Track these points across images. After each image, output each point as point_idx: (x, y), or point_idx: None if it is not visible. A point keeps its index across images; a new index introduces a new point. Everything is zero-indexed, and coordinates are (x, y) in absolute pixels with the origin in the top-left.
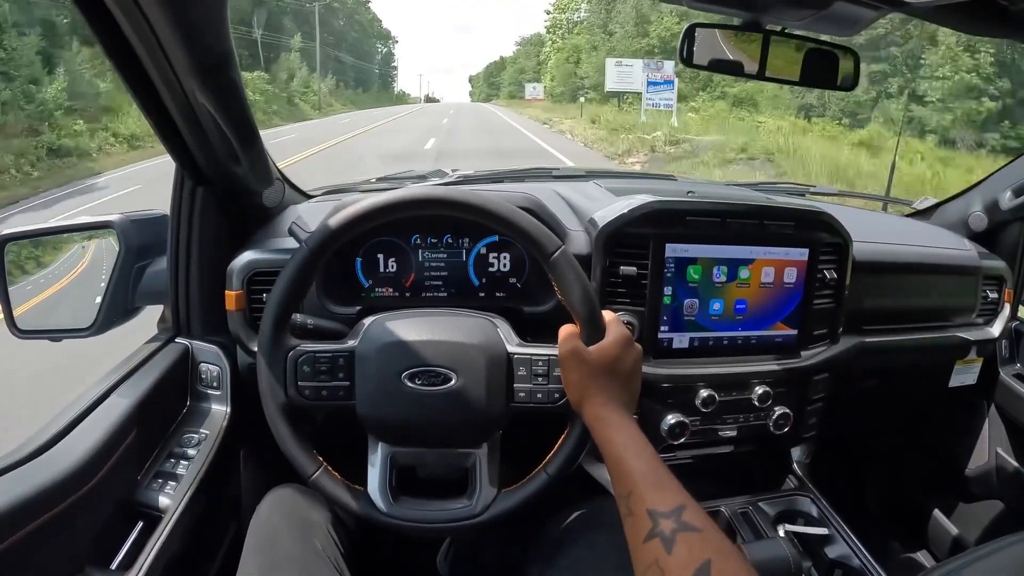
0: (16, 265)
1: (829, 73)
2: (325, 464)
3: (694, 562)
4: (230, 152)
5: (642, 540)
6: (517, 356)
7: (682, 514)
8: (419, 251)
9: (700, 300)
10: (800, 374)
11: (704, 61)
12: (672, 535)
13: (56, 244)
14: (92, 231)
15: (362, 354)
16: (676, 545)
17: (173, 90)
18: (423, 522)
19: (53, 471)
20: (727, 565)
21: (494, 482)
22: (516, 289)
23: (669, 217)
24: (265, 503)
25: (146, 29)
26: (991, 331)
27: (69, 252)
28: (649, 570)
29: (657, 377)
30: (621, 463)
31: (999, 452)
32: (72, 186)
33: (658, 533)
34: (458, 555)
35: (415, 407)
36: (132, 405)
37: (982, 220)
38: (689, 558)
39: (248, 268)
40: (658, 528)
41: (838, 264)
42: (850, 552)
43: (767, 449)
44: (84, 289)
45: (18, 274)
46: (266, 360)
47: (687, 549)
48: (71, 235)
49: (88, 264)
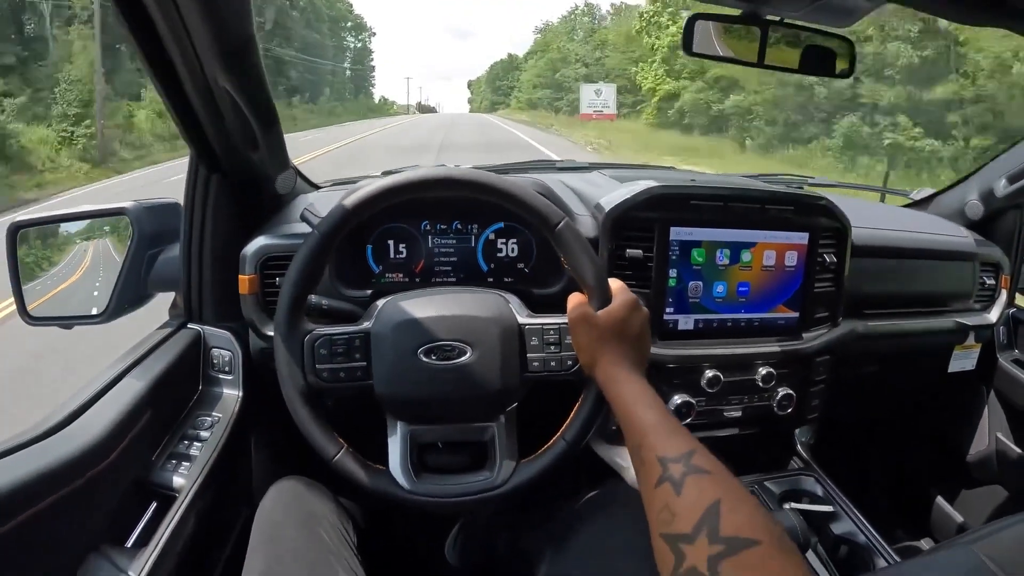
0: (30, 267)
1: (827, 62)
2: (347, 445)
3: (704, 502)
4: (247, 138)
5: (653, 486)
6: (528, 327)
7: (691, 458)
8: (428, 237)
9: (704, 282)
10: (802, 356)
11: (705, 51)
12: (682, 478)
13: (64, 244)
14: (105, 218)
15: (377, 334)
16: (685, 487)
17: (195, 76)
18: (446, 496)
19: (70, 448)
20: (737, 503)
21: (513, 454)
22: (524, 274)
23: (673, 201)
24: (269, 496)
25: (174, 14)
26: (988, 317)
27: (73, 251)
28: (661, 514)
29: (663, 358)
30: (631, 416)
31: (999, 437)
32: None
33: (667, 477)
34: (467, 542)
35: (432, 383)
36: (146, 387)
37: (978, 208)
38: (699, 498)
39: (261, 253)
40: (668, 472)
41: (837, 248)
42: (855, 529)
43: (772, 431)
44: (96, 277)
45: (32, 274)
46: (284, 344)
47: (697, 490)
48: (84, 221)
49: (98, 253)
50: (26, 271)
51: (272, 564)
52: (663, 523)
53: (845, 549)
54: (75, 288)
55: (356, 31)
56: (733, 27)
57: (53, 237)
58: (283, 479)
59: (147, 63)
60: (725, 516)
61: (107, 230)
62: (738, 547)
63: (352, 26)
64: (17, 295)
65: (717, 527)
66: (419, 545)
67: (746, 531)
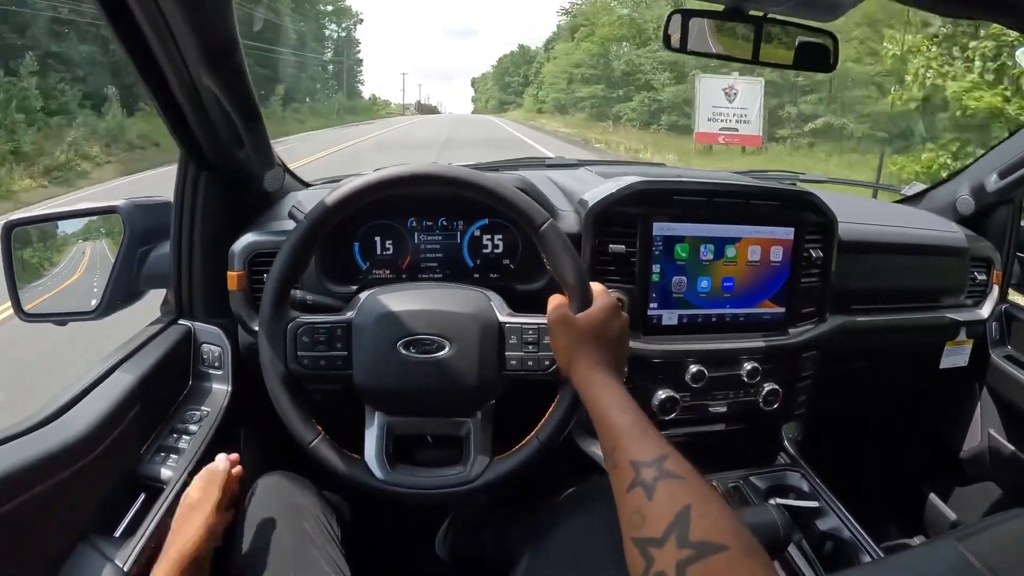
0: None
1: (821, 57)
2: (324, 433)
3: (675, 507)
4: (233, 136)
5: (625, 490)
6: (508, 325)
7: (663, 462)
8: (415, 234)
9: (688, 277)
10: (788, 351)
11: (699, 48)
12: (653, 482)
13: (62, 246)
14: (98, 216)
15: (359, 325)
16: (657, 492)
17: (180, 76)
18: (418, 488)
19: (59, 439)
20: (708, 508)
21: (487, 450)
22: (509, 270)
23: (656, 196)
24: (254, 490)
25: (157, 15)
26: (980, 312)
27: (71, 253)
28: (632, 518)
29: (647, 353)
30: (606, 420)
31: (992, 434)
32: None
33: (640, 481)
34: (457, 538)
35: (410, 375)
36: (135, 381)
37: (969, 203)
38: (669, 503)
39: (250, 249)
40: (640, 477)
41: (824, 243)
42: (840, 524)
43: (758, 426)
44: (89, 274)
45: (37, 273)
46: (267, 332)
47: (668, 495)
48: (78, 219)
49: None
50: (31, 270)
51: (256, 555)
52: (634, 527)
53: (830, 545)
54: (74, 286)
55: (338, 17)
56: (726, 25)
57: (53, 239)
58: (269, 474)
59: (134, 62)
60: (695, 521)
61: (103, 231)
62: (706, 552)
63: (333, 11)
64: (12, 292)
65: (687, 532)
66: (406, 540)
67: (714, 536)
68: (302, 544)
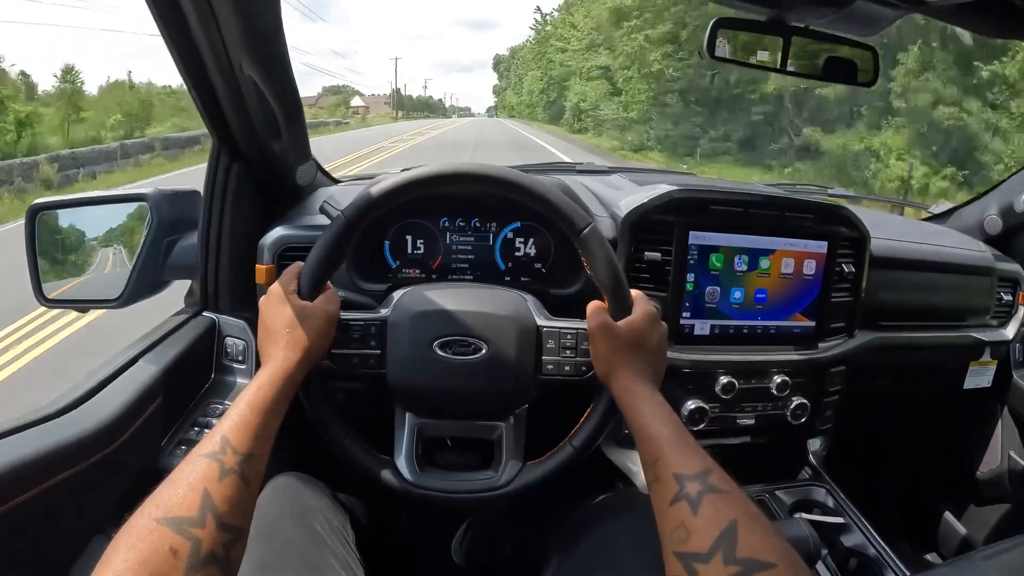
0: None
1: (850, 69)
2: (355, 433)
3: (721, 522)
4: (270, 127)
5: (668, 504)
6: (546, 329)
7: (708, 476)
8: (447, 234)
9: (721, 288)
10: (818, 365)
11: (728, 55)
12: (698, 497)
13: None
14: (125, 203)
15: (394, 323)
16: (702, 506)
17: (221, 63)
18: (448, 492)
19: (79, 429)
20: (754, 525)
21: (519, 455)
22: (541, 274)
23: (693, 205)
24: (266, 490)
25: (203, 2)
26: (1005, 333)
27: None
28: (676, 532)
29: (679, 362)
30: (648, 430)
31: (1012, 455)
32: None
33: (684, 496)
34: (474, 543)
35: (445, 376)
36: (158, 372)
37: (997, 223)
38: (715, 518)
39: (280, 243)
40: (684, 491)
41: (856, 258)
42: (866, 541)
43: (784, 440)
44: (113, 261)
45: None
46: None
47: (713, 510)
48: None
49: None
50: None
51: (266, 556)
52: (678, 541)
53: (855, 561)
54: (98, 273)
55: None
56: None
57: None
58: (280, 475)
59: (173, 48)
60: (742, 538)
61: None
62: (753, 569)
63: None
64: (33, 276)
65: (734, 548)
66: (422, 543)
67: (762, 554)
68: (313, 545)
